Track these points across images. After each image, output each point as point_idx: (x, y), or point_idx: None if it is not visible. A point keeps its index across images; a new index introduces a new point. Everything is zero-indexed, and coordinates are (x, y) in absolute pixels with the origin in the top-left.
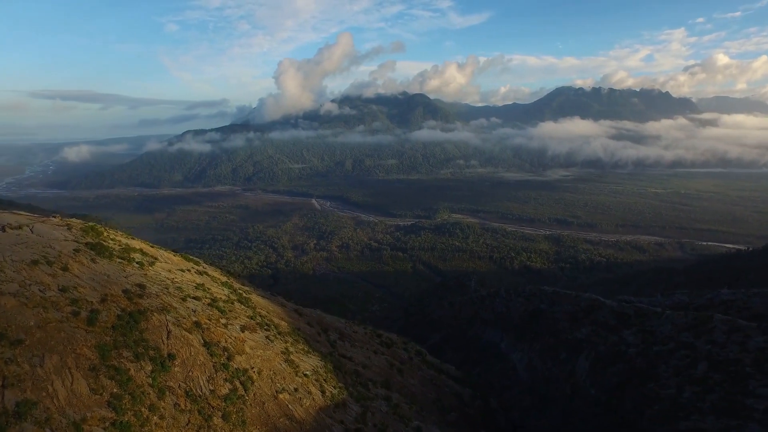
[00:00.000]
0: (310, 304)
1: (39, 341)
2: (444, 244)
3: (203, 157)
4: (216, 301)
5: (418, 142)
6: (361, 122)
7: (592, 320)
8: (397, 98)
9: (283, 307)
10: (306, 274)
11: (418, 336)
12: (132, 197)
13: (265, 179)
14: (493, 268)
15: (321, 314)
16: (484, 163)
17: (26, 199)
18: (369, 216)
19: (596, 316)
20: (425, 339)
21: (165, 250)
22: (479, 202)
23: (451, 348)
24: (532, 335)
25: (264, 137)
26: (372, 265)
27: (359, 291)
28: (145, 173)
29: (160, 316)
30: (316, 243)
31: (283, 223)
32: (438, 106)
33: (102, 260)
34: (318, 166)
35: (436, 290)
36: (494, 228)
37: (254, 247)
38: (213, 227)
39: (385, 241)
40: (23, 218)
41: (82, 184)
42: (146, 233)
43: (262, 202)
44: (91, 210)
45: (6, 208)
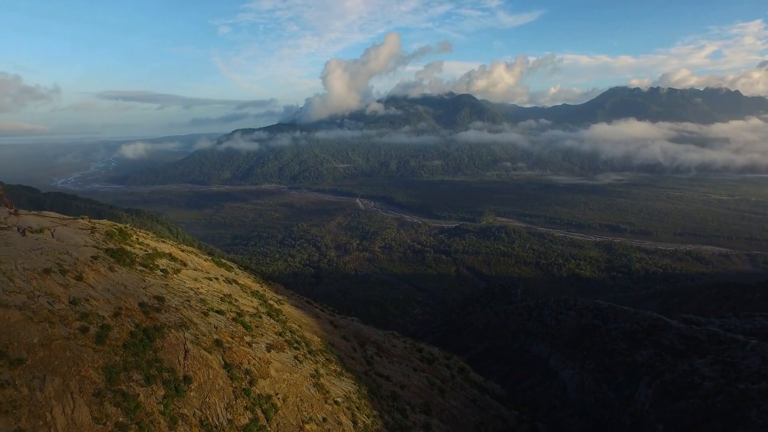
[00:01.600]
0: (351, 306)
1: (41, 361)
2: (489, 248)
3: (251, 155)
4: (242, 315)
5: (464, 143)
6: (406, 123)
7: (654, 342)
8: (444, 99)
9: (317, 319)
10: (348, 275)
11: (460, 345)
12: (183, 193)
13: (310, 178)
14: (540, 274)
15: (358, 326)
16: (531, 166)
17: (89, 193)
18: (413, 217)
19: (660, 339)
20: (468, 348)
21: (196, 254)
22: (526, 205)
23: (494, 360)
24: (585, 353)
25: (310, 137)
26: (414, 267)
27: (401, 293)
28: (196, 170)
29: (177, 333)
30: (359, 243)
31: (326, 222)
32: (485, 107)
33: (121, 268)
34: (363, 166)
35: (480, 297)
36: (541, 233)
37: (298, 246)
38: (259, 224)
39: (428, 243)
40: (46, 221)
41: (139, 180)
42: (195, 229)
43: (307, 200)
44: (145, 205)
45: (70, 202)
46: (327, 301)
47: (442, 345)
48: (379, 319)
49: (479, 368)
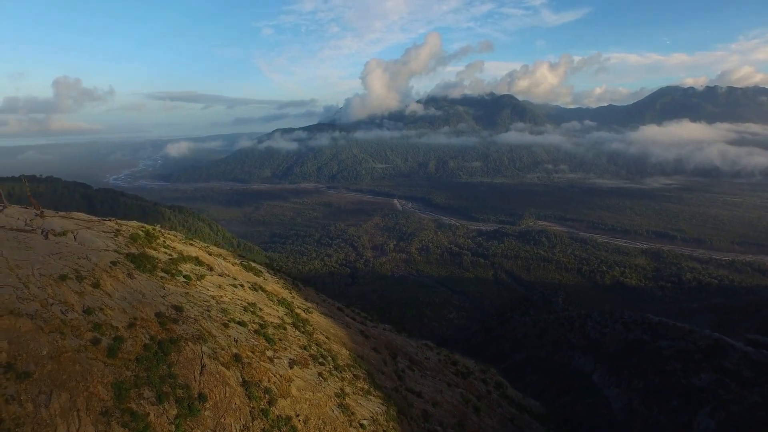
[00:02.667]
0: (386, 309)
1: (49, 375)
2: (528, 253)
3: (290, 154)
4: (265, 327)
5: (504, 144)
6: (446, 123)
7: (715, 366)
8: (484, 99)
9: (347, 329)
10: (384, 275)
11: (497, 353)
12: (224, 191)
13: (348, 178)
14: (582, 281)
15: (390, 336)
16: (574, 169)
17: (137, 189)
18: (450, 219)
19: (722, 362)
20: (505, 357)
21: (225, 258)
22: (568, 209)
23: (533, 371)
24: (632, 370)
25: (349, 136)
26: (451, 270)
27: (437, 296)
28: (237, 169)
29: (194, 347)
30: (395, 244)
31: (364, 222)
32: (526, 108)
33: (141, 275)
34: (401, 167)
35: (518, 303)
36: (583, 238)
37: (335, 245)
38: (297, 223)
39: (466, 245)
40: (71, 223)
41: (183, 178)
42: (235, 226)
43: (345, 200)
44: (189, 202)
45: (118, 198)
46: (360, 305)
47: (478, 353)
48: (414, 322)
49: (516, 379)
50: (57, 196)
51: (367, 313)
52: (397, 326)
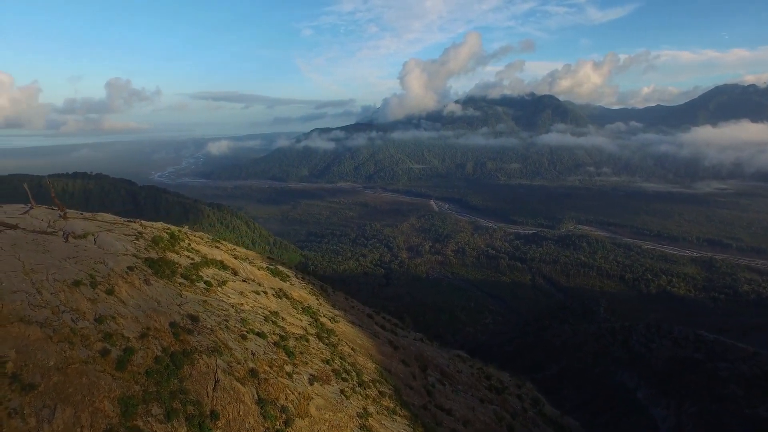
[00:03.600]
0: (419, 312)
1: (55, 388)
2: (568, 258)
3: (328, 154)
4: (286, 339)
5: (544, 146)
6: (484, 124)
7: None
8: (524, 99)
9: (375, 339)
10: (419, 277)
11: (533, 362)
12: (263, 189)
13: (385, 178)
14: (625, 289)
15: (421, 347)
16: (618, 171)
17: (179, 186)
18: (488, 221)
19: None
20: (541, 368)
21: (251, 262)
22: (610, 213)
23: (571, 384)
24: (684, 391)
25: (386, 137)
26: (488, 273)
27: (472, 300)
28: (276, 167)
29: (208, 360)
30: (431, 245)
31: (400, 223)
32: (568, 108)
33: (158, 281)
34: (438, 167)
35: (556, 310)
36: (627, 244)
37: (370, 245)
38: (333, 222)
39: (503, 249)
40: (93, 225)
41: (223, 176)
42: (272, 224)
43: (381, 200)
44: (228, 199)
45: (161, 195)
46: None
47: (513, 361)
48: (448, 326)
49: (553, 391)
50: (104, 193)
51: (399, 320)
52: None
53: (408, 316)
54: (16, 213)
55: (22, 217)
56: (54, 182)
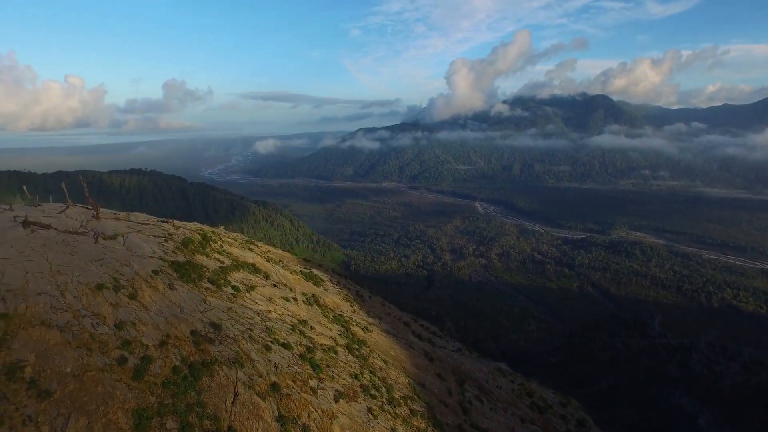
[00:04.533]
0: (461, 317)
1: (70, 396)
2: (619, 265)
3: (373, 153)
4: (312, 351)
5: (595, 147)
6: (532, 125)
7: None
8: (575, 100)
9: (409, 350)
10: (461, 280)
11: (579, 376)
12: (308, 187)
13: (430, 178)
14: (683, 302)
15: (459, 358)
16: (677, 175)
17: (228, 183)
18: (534, 225)
19: None
20: (588, 382)
21: (284, 266)
22: (667, 220)
23: (621, 402)
24: (758, 424)
25: (431, 137)
26: (533, 278)
27: (516, 306)
28: (321, 166)
29: (229, 372)
30: (475, 248)
31: (443, 224)
32: (623, 109)
33: (183, 286)
34: (484, 169)
35: (606, 321)
36: (686, 253)
37: (413, 246)
38: (377, 222)
39: (549, 253)
40: (123, 226)
41: (270, 173)
42: (316, 222)
43: (425, 201)
44: (274, 197)
45: (209, 192)
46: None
47: (558, 374)
48: (490, 332)
49: (600, 410)
50: (157, 189)
51: (439, 325)
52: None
53: (449, 321)
54: (53, 212)
55: (57, 217)
56: (112, 178)
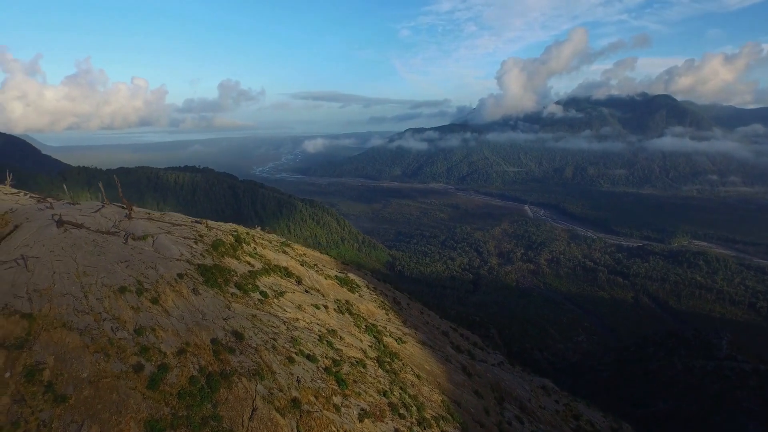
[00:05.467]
0: (506, 325)
1: (84, 402)
2: (680, 277)
3: (421, 154)
4: (339, 364)
5: (656, 150)
6: (587, 126)
7: None
8: (634, 100)
9: (446, 364)
10: (508, 285)
11: (632, 396)
12: (356, 187)
13: (478, 180)
14: (756, 320)
15: (499, 374)
16: (751, 181)
17: (276, 181)
18: (586, 230)
19: None
20: (643, 404)
21: (319, 270)
22: (737, 229)
23: (682, 429)
24: None
25: (481, 138)
26: (583, 287)
27: (564, 315)
28: (369, 166)
29: (248, 384)
30: (523, 253)
31: (491, 227)
32: (688, 109)
33: (207, 291)
34: (534, 171)
35: (664, 338)
36: (760, 266)
37: (459, 248)
38: (423, 223)
39: (602, 261)
40: (154, 226)
41: (318, 172)
42: (362, 221)
43: (473, 203)
44: (322, 195)
45: (257, 189)
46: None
47: (609, 391)
48: (536, 341)
49: None
50: (209, 185)
51: (481, 334)
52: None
53: (493, 328)
54: (89, 211)
55: (92, 216)
56: (168, 175)
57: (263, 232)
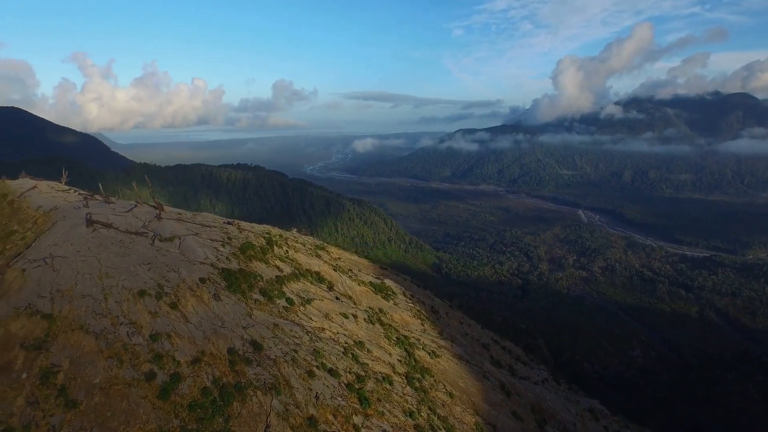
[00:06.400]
0: (554, 334)
1: (94, 409)
2: (755, 292)
3: (471, 155)
4: (363, 380)
5: (728, 154)
6: (649, 128)
7: None
8: (704, 99)
9: (483, 381)
10: (558, 292)
11: (694, 423)
12: (405, 187)
13: (530, 183)
14: None
15: (541, 394)
16: None
17: (326, 180)
18: (646, 238)
19: None
20: (706, 431)
21: (353, 276)
22: None
23: None
24: None
25: (533, 140)
26: (641, 297)
27: (619, 326)
28: (418, 167)
29: (263, 399)
30: (575, 259)
31: (542, 232)
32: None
33: (229, 296)
34: (590, 175)
35: (735, 359)
36: None
37: (508, 252)
38: (471, 225)
39: (662, 271)
40: (182, 228)
41: (368, 172)
42: (410, 222)
43: (524, 206)
44: (370, 195)
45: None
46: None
47: (666, 412)
48: (586, 353)
49: None
50: (259, 183)
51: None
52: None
53: (540, 336)
54: (122, 210)
55: (123, 215)
56: (221, 172)
57: (299, 233)
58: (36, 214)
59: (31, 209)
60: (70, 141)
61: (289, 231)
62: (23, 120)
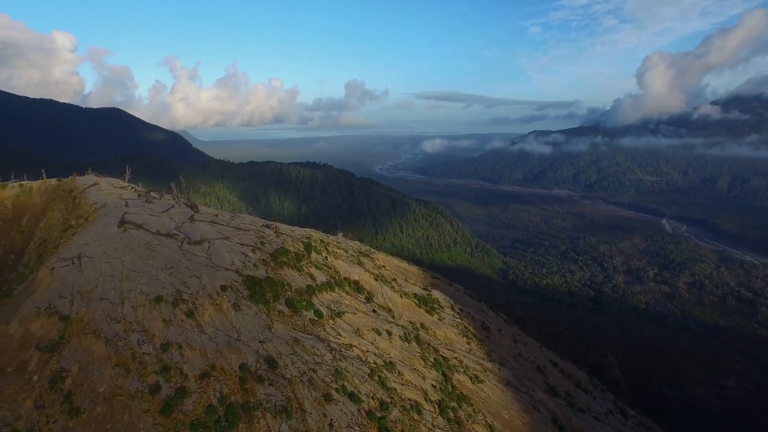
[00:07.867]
0: (626, 351)
1: (96, 419)
2: None
3: (544, 158)
4: (387, 408)
5: None
6: (754, 130)
7: None
8: None
9: (532, 413)
10: (635, 308)
11: None
12: (474, 189)
13: (608, 188)
14: None
15: (603, 430)
16: None
17: (395, 180)
18: (744, 253)
19: None
20: None
21: (396, 286)
22: None
23: None
24: None
25: (613, 142)
26: (736, 320)
27: (706, 351)
28: (488, 168)
29: (271, 422)
30: (656, 273)
31: (619, 241)
32: None
33: (250, 306)
34: (677, 181)
35: None
36: None
37: (580, 261)
38: (542, 230)
39: (764, 292)
40: (214, 231)
41: (437, 173)
42: (478, 225)
43: (600, 213)
44: (438, 196)
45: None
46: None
47: None
48: (666, 379)
49: None
50: (327, 181)
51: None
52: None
53: (612, 356)
54: (159, 210)
55: (159, 216)
56: (290, 169)
57: (344, 238)
58: (90, 210)
59: (88, 205)
60: (158, 138)
61: (334, 235)
62: (121, 119)
